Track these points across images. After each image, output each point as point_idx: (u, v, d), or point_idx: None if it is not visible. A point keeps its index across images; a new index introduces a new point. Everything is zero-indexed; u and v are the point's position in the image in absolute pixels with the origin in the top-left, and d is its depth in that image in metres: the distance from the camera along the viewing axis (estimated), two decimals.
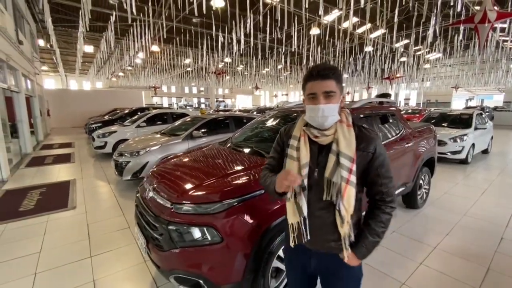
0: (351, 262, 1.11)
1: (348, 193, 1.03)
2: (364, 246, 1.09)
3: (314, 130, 1.10)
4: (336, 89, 1.04)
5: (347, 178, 1.02)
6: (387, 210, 1.10)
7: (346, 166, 1.02)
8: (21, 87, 7.98)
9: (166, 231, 1.71)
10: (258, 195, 1.81)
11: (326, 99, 1.03)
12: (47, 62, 20.83)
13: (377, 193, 1.11)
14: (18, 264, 2.53)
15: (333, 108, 1.04)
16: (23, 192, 4.60)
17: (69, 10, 12.30)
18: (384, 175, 1.09)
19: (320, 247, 1.15)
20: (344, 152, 1.03)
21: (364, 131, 1.11)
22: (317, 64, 1.10)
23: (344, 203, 1.03)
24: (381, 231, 1.09)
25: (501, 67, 17.42)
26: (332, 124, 1.07)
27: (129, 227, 3.27)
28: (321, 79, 1.02)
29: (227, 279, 1.67)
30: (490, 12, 4.14)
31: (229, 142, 3.06)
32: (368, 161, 1.08)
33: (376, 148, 1.08)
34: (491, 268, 2.43)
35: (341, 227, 1.06)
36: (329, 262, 1.16)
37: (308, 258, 1.20)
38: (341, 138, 1.05)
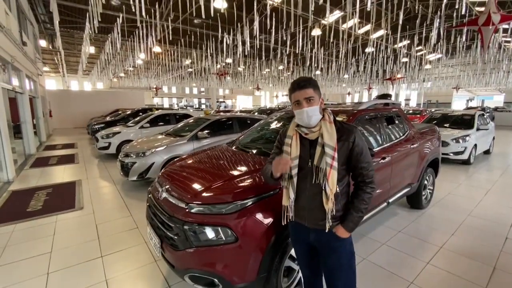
0: (341, 235, 1.36)
1: (332, 175, 1.28)
2: (351, 221, 1.35)
3: (303, 129, 1.38)
4: (314, 94, 1.31)
5: (331, 164, 1.28)
6: (368, 190, 1.37)
7: (330, 154, 1.28)
8: (25, 88, 8.02)
9: (181, 231, 1.75)
10: (271, 195, 1.84)
11: (308, 103, 1.30)
12: (49, 63, 20.87)
13: (359, 175, 1.38)
14: (30, 264, 2.57)
15: (314, 109, 1.31)
16: (30, 192, 4.63)
17: (71, 11, 12.37)
18: (363, 160, 1.35)
19: (316, 225, 1.39)
20: (327, 143, 1.29)
21: (345, 126, 1.38)
22: (297, 78, 1.37)
23: (329, 184, 1.28)
24: (363, 208, 1.36)
25: (502, 68, 17.46)
26: (316, 122, 1.34)
27: (138, 227, 3.31)
28: (300, 89, 1.31)
29: (242, 278, 1.71)
30: (494, 15, 4.18)
31: (238, 143, 3.09)
32: (349, 149, 1.34)
33: (355, 138, 1.34)
34: (497, 267, 2.47)
35: (326, 204, 1.31)
36: (323, 236, 1.39)
37: (307, 234, 1.46)
38: (325, 132, 1.31)
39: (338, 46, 13.85)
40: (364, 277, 2.34)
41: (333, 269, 1.42)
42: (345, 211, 1.39)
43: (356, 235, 3.05)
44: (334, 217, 1.35)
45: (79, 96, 18.35)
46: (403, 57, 16.92)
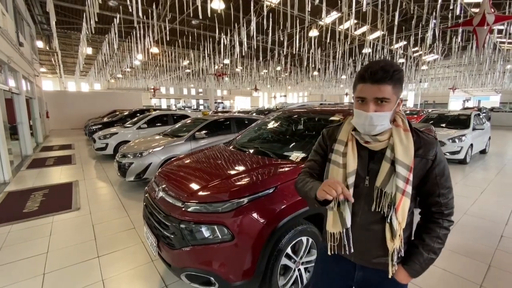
0: (401, 280, 1.02)
1: (403, 205, 0.93)
2: (418, 263, 0.99)
3: (365, 135, 0.99)
4: (392, 95, 0.90)
5: (403, 189, 0.92)
6: (445, 225, 0.99)
7: (403, 175, 0.91)
8: (21, 89, 7.98)
9: (178, 230, 1.75)
10: (266, 194, 1.85)
11: (377, 105, 0.91)
12: (46, 63, 20.78)
13: (434, 205, 0.99)
14: (26, 265, 2.55)
15: (383, 117, 0.92)
16: (26, 193, 4.60)
17: (68, 12, 12.35)
18: (444, 185, 0.98)
19: (367, 263, 1.05)
20: (400, 159, 0.92)
21: (422, 136, 1.00)
22: (374, 62, 0.92)
23: (398, 216, 0.93)
24: (438, 248, 0.99)
25: (498, 69, 17.64)
26: (381, 131, 0.96)
27: (135, 228, 3.30)
28: (373, 83, 0.89)
29: (238, 276, 1.71)
30: (489, 15, 4.23)
31: (235, 142, 3.10)
32: (427, 168, 0.97)
33: (437, 154, 0.97)
34: (492, 265, 2.49)
35: (391, 242, 0.96)
36: (376, 278, 1.06)
37: (352, 270, 1.10)
38: (398, 143, 0.93)
39: (335, 47, 13.91)
40: None
41: None
42: (408, 247, 1.03)
43: None
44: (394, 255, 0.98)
45: (76, 97, 18.27)
46: (399, 58, 17.05)
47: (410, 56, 16.19)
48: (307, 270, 2.11)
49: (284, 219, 1.82)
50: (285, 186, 1.93)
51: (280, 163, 2.24)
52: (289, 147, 2.74)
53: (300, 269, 2.02)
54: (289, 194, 1.92)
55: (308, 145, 2.55)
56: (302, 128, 3.05)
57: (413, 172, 0.93)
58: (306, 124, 3.06)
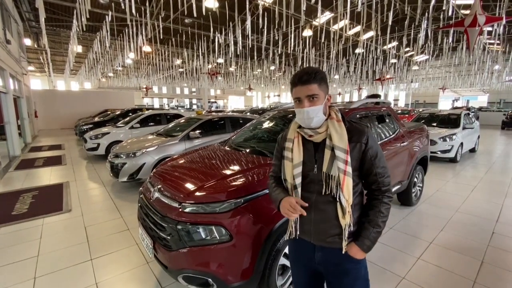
0: (356, 256, 1.13)
1: (346, 183, 1.07)
2: (367, 238, 1.12)
3: (307, 130, 1.16)
4: (319, 91, 1.10)
5: (344, 169, 1.07)
6: (385, 200, 1.15)
7: (342, 158, 1.07)
8: (8, 88, 7.75)
9: (175, 231, 1.72)
10: (264, 194, 1.83)
11: (310, 102, 1.10)
12: (34, 62, 20.25)
13: (373, 182, 1.16)
14: (16, 269, 2.47)
15: (317, 110, 1.11)
16: (15, 195, 4.47)
17: (57, 9, 12.04)
18: (378, 165, 1.14)
19: (324, 242, 1.17)
20: (337, 145, 1.08)
21: (355, 125, 1.17)
22: (300, 70, 1.14)
23: (344, 193, 1.08)
24: (381, 221, 1.13)
25: (486, 69, 18.08)
26: (319, 123, 1.14)
27: (129, 229, 3.24)
28: (302, 85, 1.10)
29: (236, 277, 1.69)
30: (480, 16, 4.32)
31: (231, 142, 3.07)
32: (362, 151, 1.13)
33: (368, 139, 1.13)
34: (485, 261, 2.54)
35: (343, 218, 1.10)
36: (333, 256, 1.17)
37: (312, 253, 1.21)
38: (333, 132, 1.10)
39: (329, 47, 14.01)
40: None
41: None
42: (358, 226, 1.16)
43: None
44: (348, 233, 1.12)
45: (66, 96, 17.87)
46: (392, 58, 17.29)
47: (402, 56, 16.44)
48: None
49: (282, 218, 1.81)
50: None
51: None
52: None
53: None
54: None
55: None
56: None
57: (351, 155, 1.09)
58: None
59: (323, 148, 1.13)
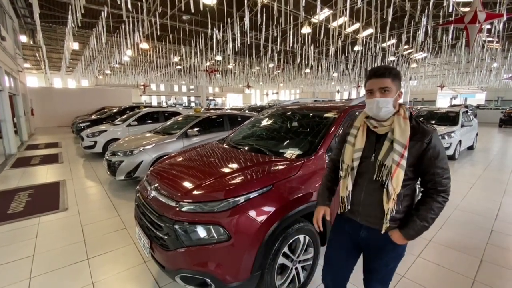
0: (397, 241, 1.25)
1: (397, 174, 1.16)
2: (412, 229, 1.22)
3: (373, 121, 1.28)
4: (392, 85, 1.20)
5: (398, 162, 1.16)
6: (438, 199, 1.20)
7: (398, 151, 1.17)
8: (4, 85, 7.65)
9: (172, 231, 1.68)
10: (263, 192, 1.81)
11: (381, 93, 1.21)
12: (30, 59, 20.02)
13: (429, 181, 1.22)
14: (11, 269, 2.44)
15: (387, 101, 1.21)
16: (11, 194, 4.41)
17: (53, 5, 11.89)
18: (437, 165, 1.19)
19: (369, 223, 1.31)
20: (397, 139, 1.17)
21: (421, 125, 1.25)
22: (377, 66, 1.27)
23: (393, 182, 1.17)
24: (430, 217, 1.20)
25: (485, 67, 18.09)
26: (387, 115, 1.24)
27: (126, 228, 3.20)
28: (377, 77, 1.22)
29: (235, 277, 1.67)
30: (480, 13, 4.29)
31: (229, 140, 3.04)
32: (422, 150, 1.20)
33: (432, 139, 1.20)
34: (484, 259, 2.54)
35: (387, 203, 1.20)
36: (375, 236, 1.30)
37: (357, 230, 1.37)
38: (397, 127, 1.19)
39: (328, 44, 13.94)
40: (356, 272, 2.34)
41: (377, 269, 1.36)
42: (406, 215, 1.26)
43: None
44: (393, 218, 1.23)
45: (62, 93, 17.70)
46: (390, 56, 17.25)
47: (402, 54, 16.41)
48: (304, 269, 2.08)
49: (281, 217, 1.79)
50: (282, 184, 1.89)
51: (276, 160, 2.20)
52: (284, 144, 2.70)
53: (297, 268, 1.99)
54: (286, 192, 1.89)
55: (303, 142, 2.52)
56: (297, 124, 3.01)
57: (409, 151, 1.17)
58: (301, 121, 3.02)
59: (384, 139, 1.23)
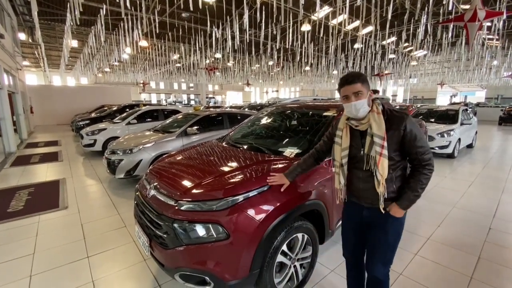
0: (396, 214, 1.46)
1: (381, 163, 1.37)
2: (406, 200, 1.43)
3: (353, 121, 1.48)
4: (362, 88, 1.38)
5: (380, 152, 1.37)
6: (424, 171, 1.42)
7: (378, 143, 1.37)
8: (3, 83, 7.63)
9: (171, 229, 1.69)
10: (262, 191, 1.81)
11: (356, 97, 1.38)
12: (29, 57, 19.95)
13: (414, 160, 1.44)
14: (11, 267, 2.45)
15: (362, 103, 1.39)
16: (10, 192, 4.42)
17: (52, 2, 11.82)
18: (417, 145, 1.40)
19: (369, 204, 1.54)
20: (376, 133, 1.38)
21: (395, 114, 1.44)
22: (346, 74, 1.45)
23: (380, 170, 1.38)
24: (420, 187, 1.41)
25: (485, 65, 18.05)
26: (364, 114, 1.42)
27: (126, 226, 3.22)
28: (349, 84, 1.39)
29: (234, 275, 1.68)
30: (480, 11, 4.27)
31: (228, 138, 3.04)
32: (401, 136, 1.39)
33: (406, 125, 1.39)
34: (482, 257, 2.55)
35: (378, 188, 1.42)
36: (376, 213, 1.51)
37: (361, 211, 1.59)
38: (373, 123, 1.39)
39: (328, 42, 13.89)
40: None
41: (377, 243, 1.54)
42: (400, 192, 1.47)
43: None
44: (389, 198, 1.46)
45: (62, 91, 17.67)
46: (390, 54, 17.20)
47: (402, 52, 16.36)
48: (303, 267, 2.10)
49: (280, 216, 1.79)
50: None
51: (275, 159, 2.21)
52: (283, 143, 2.70)
53: (295, 266, 2.01)
54: (285, 191, 1.89)
55: (302, 141, 2.53)
56: (296, 123, 3.01)
57: (391, 140, 1.38)
58: (300, 120, 3.03)
59: (366, 135, 1.43)
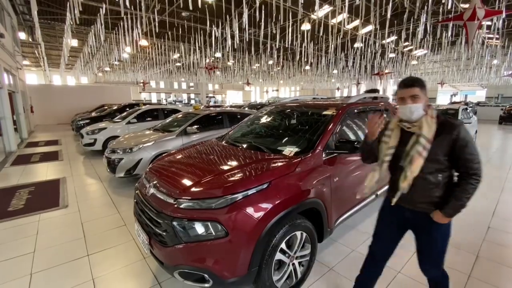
0: (439, 221, 1.47)
1: (417, 162, 1.40)
2: (450, 208, 1.42)
3: (406, 123, 1.50)
4: (420, 93, 1.43)
5: (420, 152, 1.39)
6: (470, 181, 1.40)
7: (422, 143, 1.39)
8: (3, 83, 7.64)
9: (170, 227, 1.71)
10: (261, 189, 1.82)
11: (412, 100, 1.44)
12: (29, 56, 19.95)
13: (461, 167, 1.43)
14: (12, 265, 2.47)
15: (418, 106, 1.43)
16: (11, 191, 4.44)
17: (51, 2, 11.81)
18: (467, 152, 1.39)
19: (413, 206, 1.53)
20: (424, 134, 1.40)
21: (450, 121, 1.45)
22: (405, 77, 1.50)
23: (412, 167, 1.40)
24: (465, 197, 1.41)
25: (485, 64, 18.02)
26: (418, 117, 1.45)
27: (125, 225, 3.23)
28: (407, 88, 1.45)
29: (232, 272, 1.69)
30: (479, 10, 4.27)
31: (228, 137, 3.05)
32: (452, 141, 1.39)
33: (460, 132, 1.39)
34: (480, 255, 2.56)
35: (402, 182, 1.45)
36: (420, 217, 1.52)
37: (403, 212, 1.59)
38: (425, 125, 1.42)
39: (328, 41, 13.89)
40: (354, 267, 2.37)
41: (426, 249, 1.58)
42: (446, 198, 1.46)
43: (345, 227, 3.09)
44: (433, 202, 1.47)
45: (62, 91, 17.68)
46: (390, 53, 17.18)
47: (401, 51, 16.34)
48: (301, 264, 2.11)
49: (279, 214, 1.81)
50: (279, 181, 1.91)
51: (273, 158, 2.22)
52: (282, 142, 2.71)
53: (294, 264, 2.02)
54: (284, 189, 1.90)
55: (302, 139, 2.53)
56: (296, 122, 3.02)
57: (441, 143, 1.40)
58: (299, 119, 3.03)
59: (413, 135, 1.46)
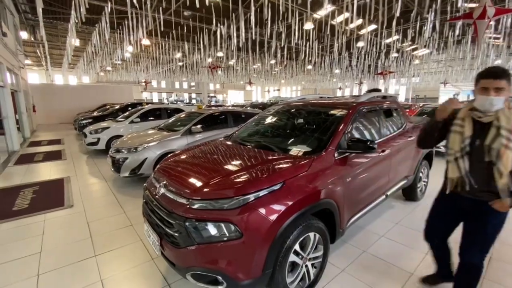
0: (500, 208, 1.49)
1: (506, 155, 1.37)
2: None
3: (477, 113, 1.49)
4: (506, 86, 1.39)
5: (506, 144, 1.37)
6: None
7: (505, 135, 1.37)
8: (6, 82, 7.63)
9: (183, 228, 1.67)
10: (274, 190, 1.78)
11: (496, 92, 1.40)
12: (31, 55, 19.95)
13: None
14: (18, 265, 2.44)
15: (500, 100, 1.40)
16: (15, 190, 4.41)
17: (54, 1, 11.79)
18: None
19: (473, 195, 1.55)
20: (503, 125, 1.39)
21: None
22: (493, 66, 1.46)
23: (503, 161, 1.38)
24: None
25: (489, 63, 17.90)
26: (496, 110, 1.43)
27: (132, 225, 3.20)
28: (493, 78, 1.39)
29: (247, 274, 1.65)
30: (490, 8, 4.22)
31: (235, 137, 3.01)
32: None
33: None
34: (493, 257, 2.51)
35: (500, 179, 1.41)
36: (480, 207, 1.54)
37: (462, 201, 1.61)
38: (502, 116, 1.40)
39: (332, 40, 13.82)
40: (365, 269, 2.34)
41: (478, 233, 1.59)
42: None
43: (355, 228, 3.05)
44: (498, 192, 1.44)
45: (64, 90, 17.68)
46: (394, 52, 17.09)
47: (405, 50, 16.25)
48: (314, 266, 2.07)
49: (293, 215, 1.77)
50: (293, 181, 1.87)
51: (285, 157, 2.17)
52: (293, 141, 2.67)
53: (307, 265, 1.98)
54: (297, 189, 1.86)
55: (313, 139, 2.49)
56: (305, 121, 2.98)
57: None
58: (309, 118, 2.99)
59: (489, 127, 1.44)
